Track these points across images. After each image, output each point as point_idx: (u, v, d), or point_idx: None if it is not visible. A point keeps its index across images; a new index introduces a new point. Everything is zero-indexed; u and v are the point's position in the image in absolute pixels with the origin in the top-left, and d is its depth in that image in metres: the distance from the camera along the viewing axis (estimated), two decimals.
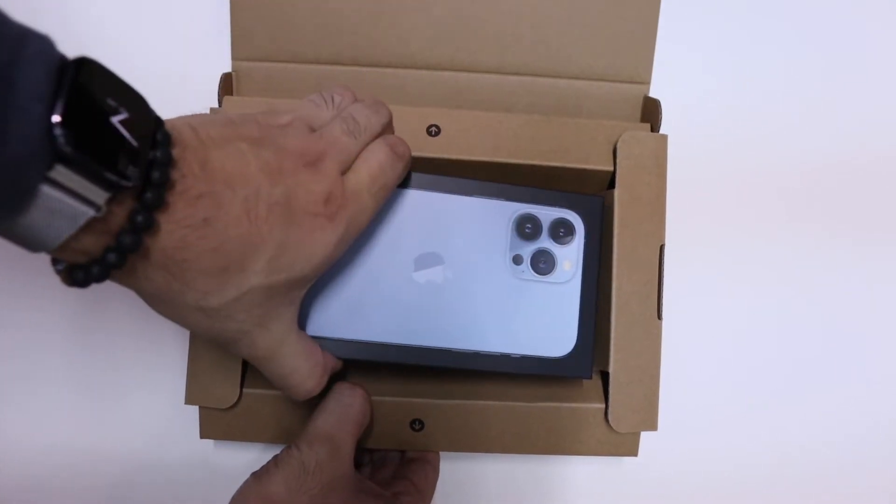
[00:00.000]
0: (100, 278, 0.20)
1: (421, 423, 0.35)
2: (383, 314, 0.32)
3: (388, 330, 0.32)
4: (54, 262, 0.21)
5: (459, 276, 0.32)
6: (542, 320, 0.33)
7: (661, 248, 0.36)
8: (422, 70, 0.38)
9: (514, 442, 0.36)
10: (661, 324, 0.35)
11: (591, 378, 0.33)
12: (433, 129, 0.36)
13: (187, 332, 0.35)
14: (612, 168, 0.36)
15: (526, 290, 0.33)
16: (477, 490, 0.41)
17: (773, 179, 0.43)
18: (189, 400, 0.35)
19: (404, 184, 0.32)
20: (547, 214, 0.33)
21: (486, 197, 0.32)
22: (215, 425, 0.35)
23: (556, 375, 0.33)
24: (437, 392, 0.36)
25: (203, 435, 0.35)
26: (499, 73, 0.39)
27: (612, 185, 0.36)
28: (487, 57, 0.38)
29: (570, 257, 0.33)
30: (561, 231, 0.33)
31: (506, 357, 0.32)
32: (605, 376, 0.37)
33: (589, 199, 0.33)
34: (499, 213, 0.33)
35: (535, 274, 0.33)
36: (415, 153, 0.31)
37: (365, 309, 0.31)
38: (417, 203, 0.32)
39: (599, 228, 0.33)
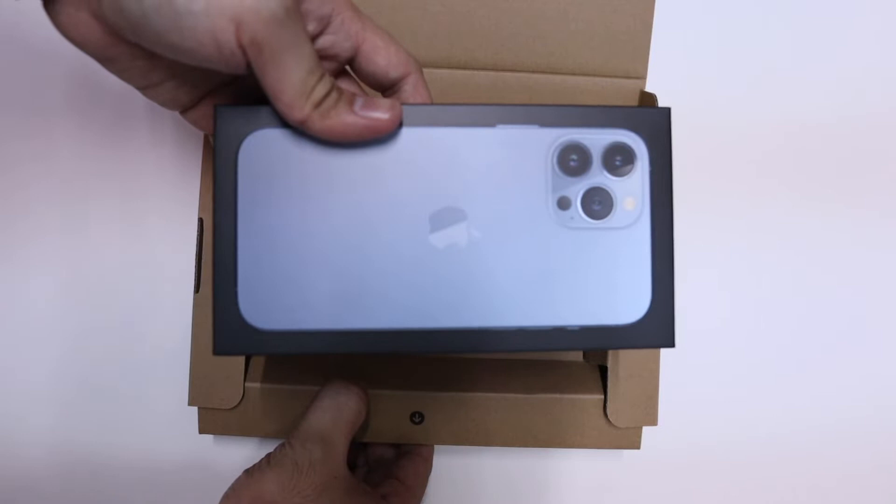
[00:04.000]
0: None
1: (421, 415, 0.35)
2: (394, 293, 0.25)
3: (401, 313, 0.25)
4: None
5: (489, 234, 0.25)
6: (604, 278, 0.26)
7: None
8: None
9: (515, 435, 0.36)
10: None
11: (674, 346, 0.26)
12: None
13: (188, 329, 0.35)
14: None
15: (578, 241, 0.26)
16: (474, 485, 0.41)
17: (771, 168, 0.43)
18: (192, 401, 0.35)
19: (403, 122, 0.25)
20: (597, 139, 0.26)
21: (513, 124, 0.26)
22: (214, 420, 0.35)
23: (627, 348, 0.27)
24: (438, 384, 0.36)
25: (202, 430, 0.35)
26: (495, 69, 0.39)
27: None
28: (484, 53, 0.39)
29: (632, 192, 0.26)
30: (617, 160, 0.26)
31: (560, 332, 0.25)
32: (602, 371, 0.37)
33: (651, 112, 0.26)
34: (533, 145, 0.26)
35: (589, 219, 0.26)
36: None
37: (368, 289, 0.25)
38: (423, 144, 0.25)
39: (668, 151, 0.26)
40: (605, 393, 0.36)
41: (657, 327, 0.26)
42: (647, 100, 0.38)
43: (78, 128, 0.40)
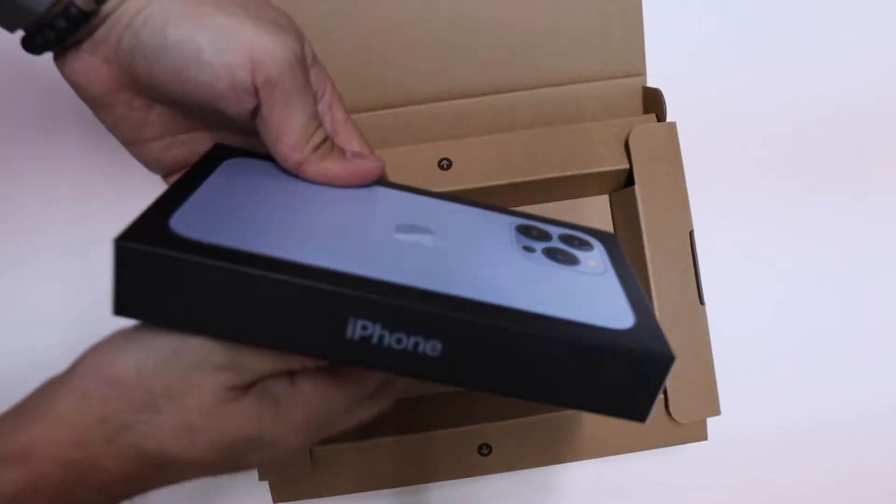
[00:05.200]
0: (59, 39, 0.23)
1: (489, 447, 0.36)
2: (355, 243, 0.22)
3: (349, 259, 0.20)
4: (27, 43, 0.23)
5: (456, 246, 0.24)
6: (582, 294, 0.23)
7: (691, 234, 0.36)
8: (421, 105, 0.39)
9: (583, 447, 0.36)
10: (704, 309, 0.36)
11: (675, 358, 0.20)
12: (444, 162, 0.36)
13: None
14: (627, 165, 0.36)
15: (547, 272, 0.24)
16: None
17: (784, 145, 0.43)
18: (263, 475, 0.35)
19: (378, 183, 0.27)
20: (555, 229, 0.27)
21: (479, 208, 0.28)
22: (287, 488, 0.36)
23: (623, 353, 0.20)
24: (501, 412, 0.36)
25: (276, 500, 0.36)
26: (497, 93, 0.39)
27: (629, 181, 0.37)
28: (483, 79, 0.39)
29: (594, 258, 0.26)
30: (575, 242, 0.26)
31: (546, 319, 0.20)
32: None
33: (603, 231, 0.28)
34: (497, 220, 0.27)
35: (554, 263, 0.24)
36: (429, 188, 0.29)
37: (320, 236, 0.22)
38: (398, 193, 0.27)
39: (623, 256, 0.27)
40: (664, 391, 0.36)
41: (651, 336, 0.21)
42: (652, 96, 0.38)
43: (79, 134, 0.40)
